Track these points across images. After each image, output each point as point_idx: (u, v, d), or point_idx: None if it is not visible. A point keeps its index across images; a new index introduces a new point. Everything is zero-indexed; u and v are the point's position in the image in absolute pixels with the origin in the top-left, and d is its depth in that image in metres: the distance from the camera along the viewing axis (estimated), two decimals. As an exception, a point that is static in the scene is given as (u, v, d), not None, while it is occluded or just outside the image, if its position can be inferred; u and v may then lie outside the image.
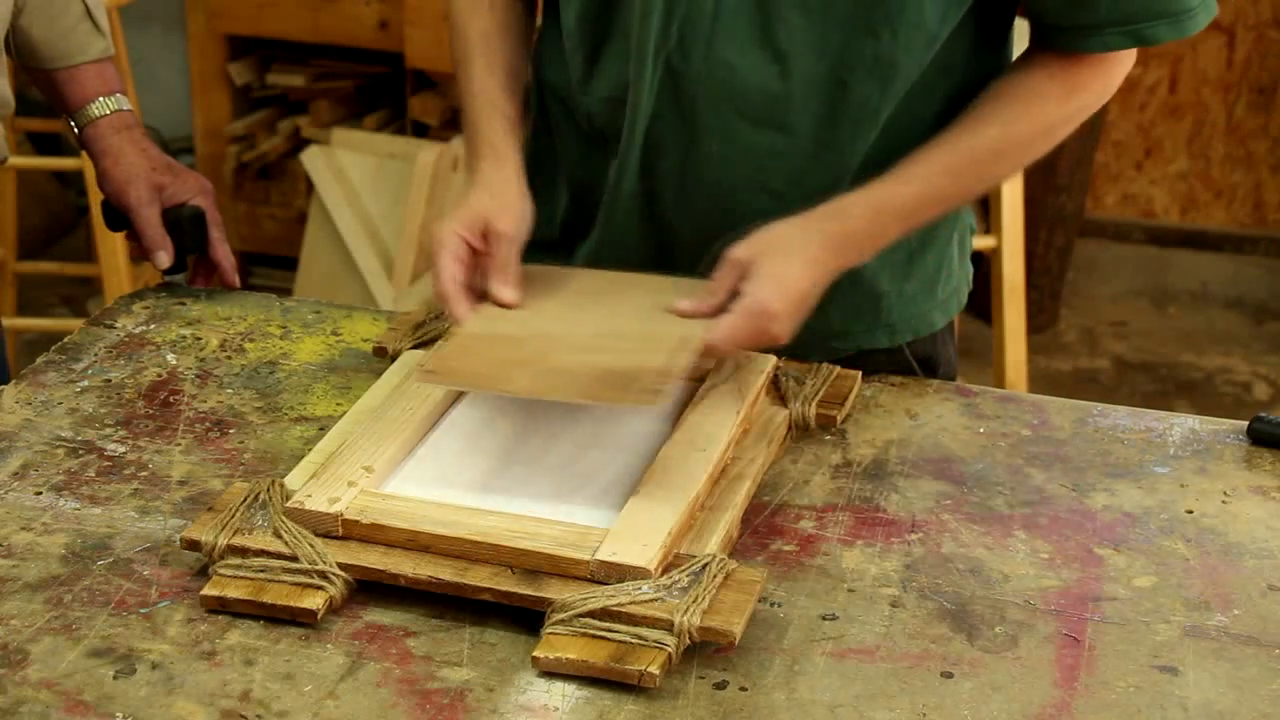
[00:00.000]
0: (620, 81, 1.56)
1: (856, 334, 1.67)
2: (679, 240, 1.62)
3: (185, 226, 1.76)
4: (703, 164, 1.56)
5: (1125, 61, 1.55)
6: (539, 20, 1.71)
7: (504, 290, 1.50)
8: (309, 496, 1.32)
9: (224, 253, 1.80)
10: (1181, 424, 1.58)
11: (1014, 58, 1.60)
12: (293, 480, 1.36)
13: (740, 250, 1.45)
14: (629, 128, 1.56)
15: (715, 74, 1.51)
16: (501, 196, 1.53)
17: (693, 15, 1.50)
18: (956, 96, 1.56)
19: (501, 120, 1.58)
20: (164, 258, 1.75)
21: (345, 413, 1.50)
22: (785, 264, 1.44)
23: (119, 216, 1.79)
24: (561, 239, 1.72)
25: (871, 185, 1.50)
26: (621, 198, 1.61)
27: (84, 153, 1.84)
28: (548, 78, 1.67)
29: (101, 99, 1.79)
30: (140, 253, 1.79)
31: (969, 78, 1.57)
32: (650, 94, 1.54)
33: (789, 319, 1.44)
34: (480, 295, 1.51)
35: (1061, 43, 1.52)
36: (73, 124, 1.81)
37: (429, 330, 1.64)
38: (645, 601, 1.22)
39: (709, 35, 1.50)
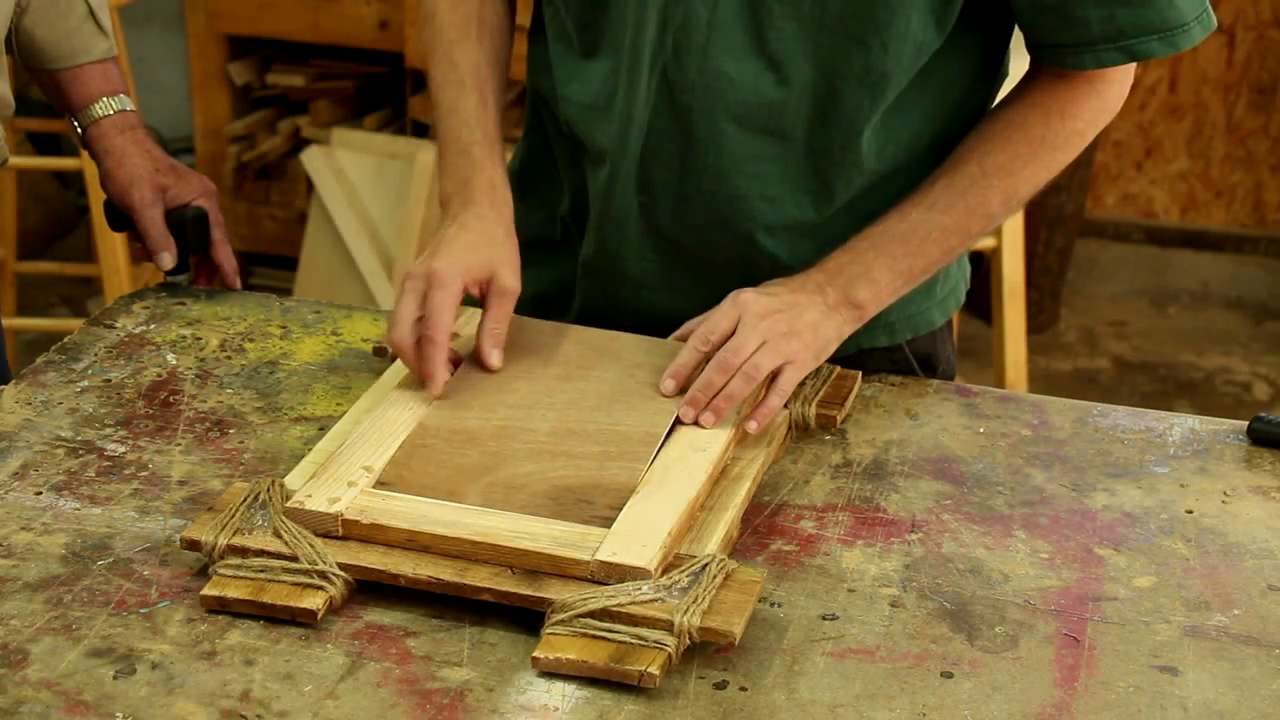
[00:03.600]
0: (605, 90, 1.56)
1: (856, 333, 1.67)
2: (677, 245, 1.62)
3: (188, 228, 1.76)
4: (700, 173, 1.56)
5: (1121, 81, 1.55)
6: (526, 23, 1.70)
7: (494, 354, 1.48)
8: (309, 496, 1.32)
9: (226, 254, 1.79)
10: (1181, 424, 1.58)
11: (1011, 69, 1.61)
12: (293, 480, 1.36)
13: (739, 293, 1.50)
14: (621, 140, 1.56)
15: (712, 83, 1.51)
16: (504, 247, 1.51)
17: (688, 25, 1.50)
18: (949, 106, 1.57)
19: (501, 159, 1.57)
20: (167, 259, 1.75)
21: (345, 413, 1.50)
22: (768, 286, 1.52)
23: (122, 217, 1.78)
24: (563, 238, 1.72)
25: (863, 231, 1.55)
26: (616, 208, 1.60)
27: (85, 153, 1.84)
28: (536, 81, 1.67)
29: (105, 99, 1.79)
30: (143, 253, 1.78)
31: (962, 88, 1.57)
32: (646, 105, 1.54)
33: (762, 318, 1.47)
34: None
35: (1055, 60, 1.52)
36: (76, 124, 1.81)
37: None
38: (645, 602, 1.23)
39: (704, 44, 1.50)
